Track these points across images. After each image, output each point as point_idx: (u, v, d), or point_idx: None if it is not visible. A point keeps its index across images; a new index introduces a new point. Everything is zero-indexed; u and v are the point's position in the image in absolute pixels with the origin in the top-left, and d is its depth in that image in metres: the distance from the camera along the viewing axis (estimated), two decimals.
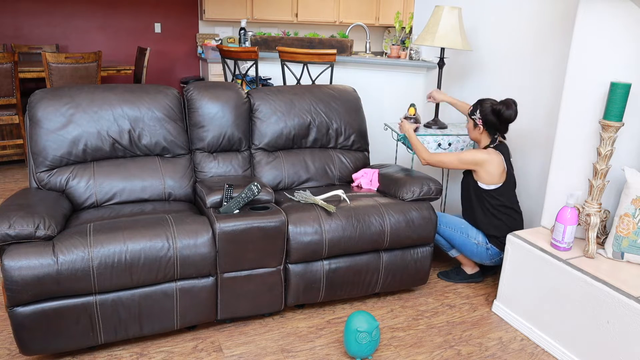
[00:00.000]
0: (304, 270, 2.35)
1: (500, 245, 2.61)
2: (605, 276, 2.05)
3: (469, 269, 2.83)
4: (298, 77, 3.58)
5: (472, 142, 3.03)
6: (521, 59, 2.94)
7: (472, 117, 2.59)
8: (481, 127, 2.56)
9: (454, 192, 3.60)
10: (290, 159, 2.80)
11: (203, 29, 6.70)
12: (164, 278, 2.07)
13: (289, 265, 2.33)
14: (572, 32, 2.48)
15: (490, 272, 2.91)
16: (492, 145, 2.57)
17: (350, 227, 2.35)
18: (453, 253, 2.81)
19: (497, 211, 2.59)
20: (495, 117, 2.50)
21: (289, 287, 2.36)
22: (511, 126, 3.06)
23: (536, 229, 2.53)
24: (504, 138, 2.63)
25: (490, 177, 2.53)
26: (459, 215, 2.85)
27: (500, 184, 2.55)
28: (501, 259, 2.62)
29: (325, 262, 2.38)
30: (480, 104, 2.55)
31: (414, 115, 3.00)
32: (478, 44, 3.23)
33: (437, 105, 3.18)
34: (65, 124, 2.36)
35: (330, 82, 3.55)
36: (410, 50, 3.93)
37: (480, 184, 2.58)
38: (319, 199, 2.42)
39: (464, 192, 2.73)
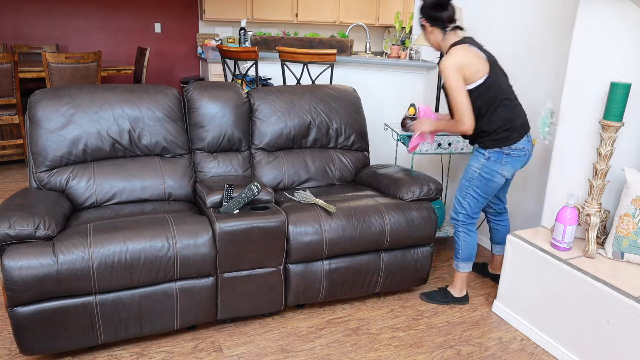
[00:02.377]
0: (304, 270, 2.35)
1: (500, 141, 2.32)
2: (605, 276, 2.05)
3: (457, 291, 2.63)
4: (298, 77, 3.58)
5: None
6: (521, 59, 2.94)
7: (420, 26, 2.39)
8: (428, 26, 2.33)
9: (454, 193, 3.60)
10: (290, 159, 2.80)
11: (203, 29, 6.70)
12: (164, 278, 2.07)
13: (289, 265, 2.33)
14: (572, 32, 2.48)
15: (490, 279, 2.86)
16: (455, 42, 2.31)
17: (351, 227, 2.35)
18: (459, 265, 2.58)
19: (491, 107, 2.29)
20: (431, 7, 2.30)
21: (289, 287, 2.36)
22: None
23: (536, 229, 2.53)
24: (461, 29, 2.36)
25: (475, 70, 2.24)
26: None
27: (487, 74, 2.26)
28: (509, 155, 2.34)
29: (326, 262, 2.38)
30: (420, 12, 2.38)
31: (414, 115, 2.99)
32: None
33: (437, 106, 3.18)
34: (65, 124, 2.36)
35: (330, 82, 3.55)
36: (410, 50, 3.93)
37: (467, 87, 2.27)
38: (319, 199, 2.42)
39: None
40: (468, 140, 2.54)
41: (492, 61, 2.30)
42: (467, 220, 2.49)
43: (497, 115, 2.30)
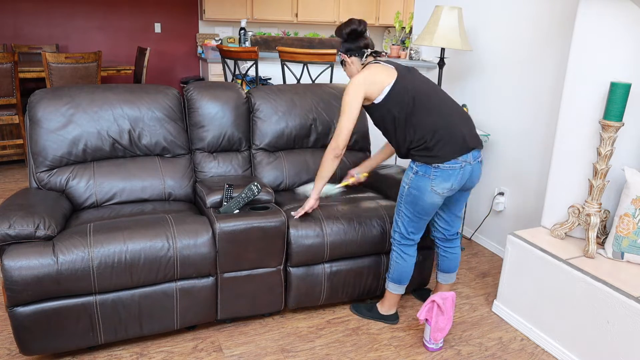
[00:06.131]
0: (305, 273, 2.34)
1: (425, 157, 2.07)
2: (605, 276, 2.05)
3: (384, 309, 2.43)
4: (298, 77, 3.58)
5: None
6: (521, 59, 2.94)
7: (341, 63, 2.30)
8: (347, 58, 2.24)
9: None
10: (291, 159, 2.80)
11: (203, 29, 6.70)
12: (164, 278, 2.07)
13: (290, 269, 2.33)
14: (572, 32, 2.48)
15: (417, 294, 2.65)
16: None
17: (352, 230, 2.34)
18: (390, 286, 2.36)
19: (408, 115, 2.09)
20: (348, 39, 2.21)
21: (290, 290, 2.36)
22: (511, 125, 3.07)
23: (536, 229, 2.53)
24: (380, 54, 2.29)
25: (377, 85, 2.10)
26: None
27: (392, 83, 2.09)
28: (435, 174, 2.07)
29: (327, 265, 2.38)
30: (338, 51, 2.31)
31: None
32: (478, 44, 3.23)
33: None
34: (65, 124, 2.36)
35: (330, 82, 3.55)
36: (410, 50, 3.93)
37: (374, 102, 2.14)
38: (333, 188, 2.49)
39: (382, 129, 2.28)
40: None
41: (402, 71, 2.15)
42: (402, 241, 2.25)
43: (416, 125, 2.08)
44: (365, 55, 2.24)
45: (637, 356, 1.88)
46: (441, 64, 3.12)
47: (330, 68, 3.53)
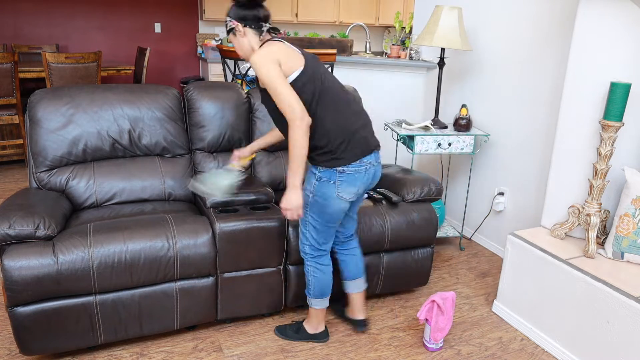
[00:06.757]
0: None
1: (329, 160, 1.89)
2: (605, 276, 2.05)
3: (312, 327, 2.25)
4: None
5: (472, 142, 3.03)
6: (521, 59, 2.94)
7: (228, 31, 1.96)
8: (240, 28, 1.90)
9: (454, 192, 3.60)
10: None
11: (203, 29, 6.70)
12: (164, 278, 2.07)
13: (289, 267, 2.33)
14: (572, 32, 2.48)
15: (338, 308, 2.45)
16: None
17: None
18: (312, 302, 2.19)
19: (318, 105, 1.88)
20: (244, 4, 1.92)
21: (289, 288, 2.36)
22: (511, 125, 3.07)
23: (536, 228, 2.53)
24: (277, 31, 2.02)
25: (291, 64, 1.86)
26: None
27: (303, 67, 1.87)
28: (340, 177, 1.90)
29: None
30: (227, 15, 1.96)
31: (467, 115, 3.02)
32: (478, 44, 3.23)
33: (437, 106, 3.18)
34: (65, 124, 2.36)
35: None
36: (410, 50, 3.93)
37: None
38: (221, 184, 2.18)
39: (275, 121, 2.00)
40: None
41: (308, 57, 1.93)
42: (315, 253, 2.09)
43: (317, 123, 1.87)
44: (263, 30, 1.93)
45: (637, 356, 1.88)
46: (441, 64, 3.12)
47: (330, 68, 3.53)
